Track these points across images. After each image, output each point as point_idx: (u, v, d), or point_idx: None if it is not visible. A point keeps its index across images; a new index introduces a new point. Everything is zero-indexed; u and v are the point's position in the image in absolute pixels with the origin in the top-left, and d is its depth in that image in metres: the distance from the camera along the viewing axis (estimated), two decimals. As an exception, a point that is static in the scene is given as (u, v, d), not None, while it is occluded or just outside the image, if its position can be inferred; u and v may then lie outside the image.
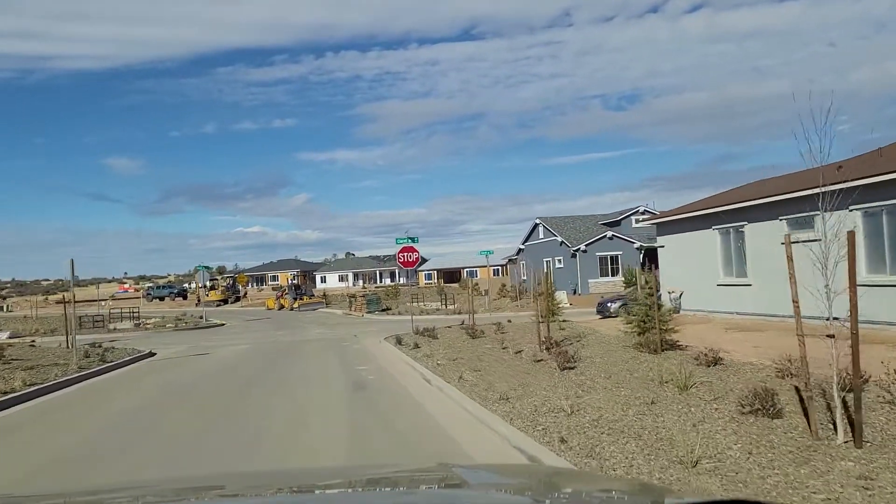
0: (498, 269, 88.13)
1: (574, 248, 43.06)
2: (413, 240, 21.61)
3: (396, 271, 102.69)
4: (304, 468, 5.88)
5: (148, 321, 39.58)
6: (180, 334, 31.48)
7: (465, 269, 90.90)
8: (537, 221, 49.49)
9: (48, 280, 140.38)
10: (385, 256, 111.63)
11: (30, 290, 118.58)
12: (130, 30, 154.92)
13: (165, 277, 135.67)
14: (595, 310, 27.70)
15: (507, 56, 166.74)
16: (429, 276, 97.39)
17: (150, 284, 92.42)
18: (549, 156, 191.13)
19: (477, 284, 60.44)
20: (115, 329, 35.77)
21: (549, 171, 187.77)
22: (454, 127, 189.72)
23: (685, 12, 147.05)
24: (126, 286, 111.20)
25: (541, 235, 49.05)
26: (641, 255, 43.50)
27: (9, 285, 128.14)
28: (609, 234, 43.54)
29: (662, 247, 21.85)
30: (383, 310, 40.85)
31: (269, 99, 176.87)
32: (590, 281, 42.11)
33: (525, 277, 49.16)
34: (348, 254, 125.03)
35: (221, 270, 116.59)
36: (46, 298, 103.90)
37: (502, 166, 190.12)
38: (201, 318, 39.50)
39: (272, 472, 4.51)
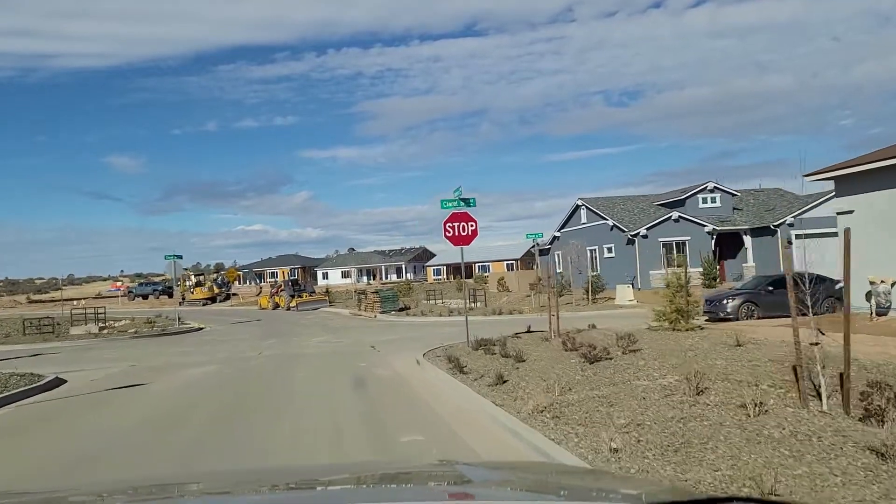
0: (511, 264, 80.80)
1: (631, 233, 35.37)
2: (468, 202, 13.82)
3: (404, 266, 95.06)
4: (304, 465, 5.51)
5: (115, 324, 32.13)
6: (137, 343, 23.87)
7: (477, 264, 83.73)
8: (579, 203, 41.77)
9: (42, 279, 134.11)
10: (391, 251, 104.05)
11: (20, 289, 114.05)
12: (132, 28, 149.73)
13: (162, 275, 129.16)
14: (703, 309, 20.23)
15: (510, 52, 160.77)
16: (437, 272, 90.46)
17: (143, 281, 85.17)
18: (551, 152, 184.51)
19: (503, 279, 52.70)
20: (69, 335, 28.31)
21: (551, 168, 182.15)
22: (456, 124, 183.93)
23: (688, 7, 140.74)
24: (119, 284, 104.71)
25: (584, 220, 41.31)
26: (714, 241, 35.88)
27: (0, 283, 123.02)
28: (674, 215, 35.72)
29: (850, 212, 14.22)
30: (400, 309, 33.19)
31: (271, 96, 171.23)
32: (651, 273, 34.39)
33: (562, 270, 41.63)
34: (351, 249, 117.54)
35: (219, 267, 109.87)
36: (29, 297, 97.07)
37: (504, 163, 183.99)
38: (176, 319, 32.01)
39: (270, 469, 3.90)
